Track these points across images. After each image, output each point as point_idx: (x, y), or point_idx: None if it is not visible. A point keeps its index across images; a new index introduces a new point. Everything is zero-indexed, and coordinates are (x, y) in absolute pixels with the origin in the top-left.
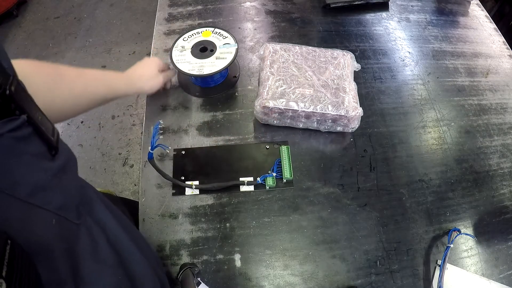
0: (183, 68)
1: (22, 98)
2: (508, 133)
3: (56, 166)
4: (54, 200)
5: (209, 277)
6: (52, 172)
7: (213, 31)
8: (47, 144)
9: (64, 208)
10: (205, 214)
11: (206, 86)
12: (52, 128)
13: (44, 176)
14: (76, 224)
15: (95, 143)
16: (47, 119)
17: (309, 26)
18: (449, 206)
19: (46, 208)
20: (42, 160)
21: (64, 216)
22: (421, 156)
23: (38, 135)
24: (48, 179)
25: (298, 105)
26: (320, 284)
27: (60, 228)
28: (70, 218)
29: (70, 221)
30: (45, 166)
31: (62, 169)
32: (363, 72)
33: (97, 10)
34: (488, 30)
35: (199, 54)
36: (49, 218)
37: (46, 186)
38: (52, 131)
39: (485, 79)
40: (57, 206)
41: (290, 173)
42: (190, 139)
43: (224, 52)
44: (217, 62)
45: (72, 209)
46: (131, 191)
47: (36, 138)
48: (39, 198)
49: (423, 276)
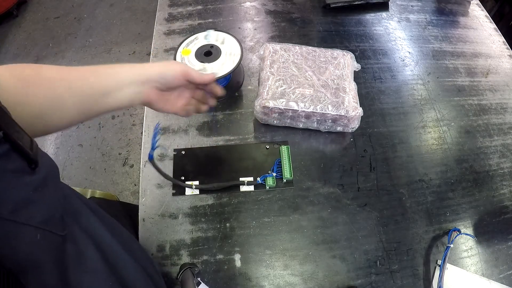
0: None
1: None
2: (508, 133)
3: (37, 180)
4: (37, 214)
5: (209, 277)
6: (33, 186)
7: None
8: (26, 159)
9: (48, 222)
10: (205, 214)
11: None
12: (30, 141)
13: (26, 191)
14: (62, 236)
15: (95, 143)
16: (25, 132)
17: (309, 26)
18: (449, 206)
19: (29, 224)
20: (22, 175)
21: (49, 229)
22: (421, 156)
23: (16, 151)
24: (30, 194)
25: (298, 105)
26: (320, 284)
27: (46, 242)
28: (55, 231)
29: (55, 233)
30: (25, 181)
31: (43, 181)
32: (363, 72)
33: (97, 10)
34: (488, 30)
35: (203, 58)
36: (33, 234)
37: (28, 201)
38: (31, 145)
39: (485, 79)
40: (40, 220)
41: (290, 173)
42: (190, 139)
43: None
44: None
45: (56, 221)
46: (131, 191)
47: (14, 154)
48: (22, 214)
49: (423, 276)
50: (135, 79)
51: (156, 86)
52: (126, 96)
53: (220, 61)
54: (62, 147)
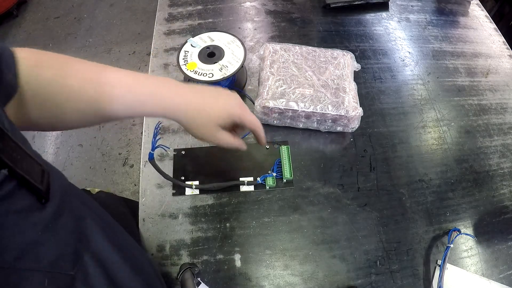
0: (189, 73)
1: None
2: (508, 133)
3: (47, 216)
4: (45, 256)
5: (209, 277)
6: (42, 225)
7: None
8: (36, 194)
9: (58, 262)
10: (205, 214)
11: None
12: (41, 172)
13: (33, 232)
14: (71, 275)
15: (95, 143)
16: (35, 160)
17: (309, 26)
18: (449, 206)
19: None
20: (30, 214)
21: (58, 271)
22: (421, 156)
23: (24, 186)
24: (38, 235)
25: (298, 105)
26: (320, 284)
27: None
28: (64, 271)
29: (64, 274)
30: (34, 220)
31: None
32: (363, 72)
33: (97, 10)
34: (488, 30)
35: (206, 59)
36: (41, 280)
37: (36, 243)
38: (42, 176)
39: (485, 79)
40: (49, 261)
41: (290, 173)
42: (190, 139)
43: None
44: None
45: (67, 258)
46: (131, 191)
47: (22, 191)
48: (28, 259)
49: (423, 276)
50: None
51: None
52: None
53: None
54: (62, 147)
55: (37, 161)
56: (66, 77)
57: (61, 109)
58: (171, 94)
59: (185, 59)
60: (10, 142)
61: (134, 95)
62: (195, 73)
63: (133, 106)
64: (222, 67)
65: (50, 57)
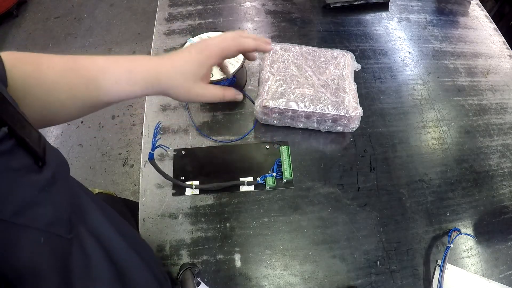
0: None
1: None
2: (508, 133)
3: (44, 179)
4: (42, 216)
5: (209, 277)
6: (39, 185)
7: None
8: (33, 156)
9: (53, 224)
10: (205, 214)
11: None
12: (38, 137)
13: (31, 191)
14: (68, 239)
15: (95, 143)
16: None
17: (309, 26)
18: (449, 206)
19: (33, 227)
20: (28, 174)
21: (54, 232)
22: (421, 156)
23: (22, 147)
24: (35, 194)
25: (298, 105)
26: (320, 284)
27: (50, 247)
28: (61, 233)
29: (60, 236)
30: (31, 180)
31: (51, 180)
32: (363, 72)
33: (97, 10)
34: (488, 30)
35: None
36: (36, 237)
37: (33, 202)
38: (38, 141)
39: (485, 79)
40: (45, 222)
41: (290, 173)
42: (190, 139)
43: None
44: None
45: (63, 223)
46: (131, 191)
47: (20, 151)
48: (25, 216)
49: (423, 276)
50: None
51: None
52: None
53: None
54: (62, 147)
55: (34, 128)
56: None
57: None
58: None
59: None
60: (9, 106)
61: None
62: None
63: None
64: (222, 67)
65: (28, 55)
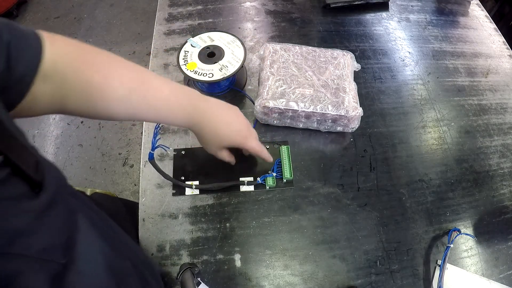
0: (189, 73)
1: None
2: (508, 133)
3: (40, 205)
4: (36, 243)
5: (209, 277)
6: (34, 213)
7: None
8: (29, 183)
9: (48, 250)
10: (205, 214)
11: (211, 91)
12: (35, 163)
13: (25, 219)
14: (62, 264)
15: (95, 143)
16: (30, 151)
17: (309, 26)
18: (449, 206)
19: (26, 255)
20: (23, 202)
21: (49, 258)
22: (421, 156)
23: (18, 175)
24: (30, 222)
25: (298, 105)
26: (320, 284)
27: (46, 272)
28: (55, 259)
29: (55, 262)
30: (26, 208)
31: (47, 205)
32: (363, 72)
33: (97, 10)
34: (488, 30)
35: (206, 59)
36: (32, 264)
37: (28, 230)
38: (36, 167)
39: (485, 79)
40: (40, 249)
41: (290, 173)
42: (190, 139)
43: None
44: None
45: (57, 248)
46: (131, 191)
47: (15, 179)
48: (19, 245)
49: (423, 276)
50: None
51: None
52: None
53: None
54: (62, 147)
55: (32, 153)
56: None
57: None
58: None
59: (185, 59)
60: (5, 131)
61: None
62: (195, 73)
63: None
64: (222, 67)
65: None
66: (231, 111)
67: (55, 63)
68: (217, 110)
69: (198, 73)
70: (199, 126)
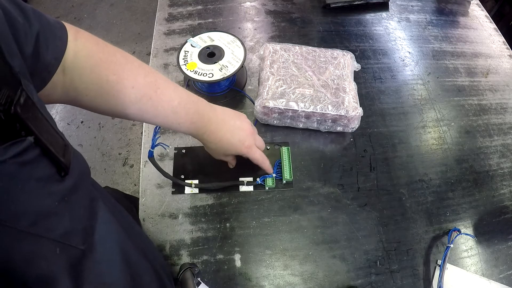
0: (189, 73)
1: (30, 116)
2: (508, 133)
3: (65, 188)
4: (58, 227)
5: (209, 277)
6: (59, 196)
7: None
8: (56, 166)
9: (69, 235)
10: (205, 214)
11: (211, 91)
12: (64, 146)
13: (50, 201)
14: (81, 250)
15: (95, 143)
16: (59, 135)
17: (309, 26)
18: (449, 206)
19: (49, 237)
20: (49, 183)
21: (68, 243)
22: (421, 156)
23: (47, 156)
24: (54, 205)
25: (298, 105)
26: (320, 284)
27: (64, 257)
28: (75, 244)
29: (74, 247)
30: (52, 190)
31: (72, 189)
32: (363, 72)
33: (97, 10)
34: (488, 30)
35: (206, 59)
36: (52, 247)
37: (51, 213)
38: (64, 150)
39: (485, 79)
40: (61, 233)
41: (290, 174)
42: (190, 138)
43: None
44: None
45: (78, 233)
46: (131, 191)
47: (44, 160)
48: (42, 226)
49: (423, 276)
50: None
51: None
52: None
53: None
54: None
55: (61, 136)
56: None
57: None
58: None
59: (185, 59)
60: (38, 113)
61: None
62: (195, 73)
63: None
64: (222, 67)
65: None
66: (236, 120)
67: (75, 58)
68: (222, 120)
69: (198, 73)
70: (203, 136)
